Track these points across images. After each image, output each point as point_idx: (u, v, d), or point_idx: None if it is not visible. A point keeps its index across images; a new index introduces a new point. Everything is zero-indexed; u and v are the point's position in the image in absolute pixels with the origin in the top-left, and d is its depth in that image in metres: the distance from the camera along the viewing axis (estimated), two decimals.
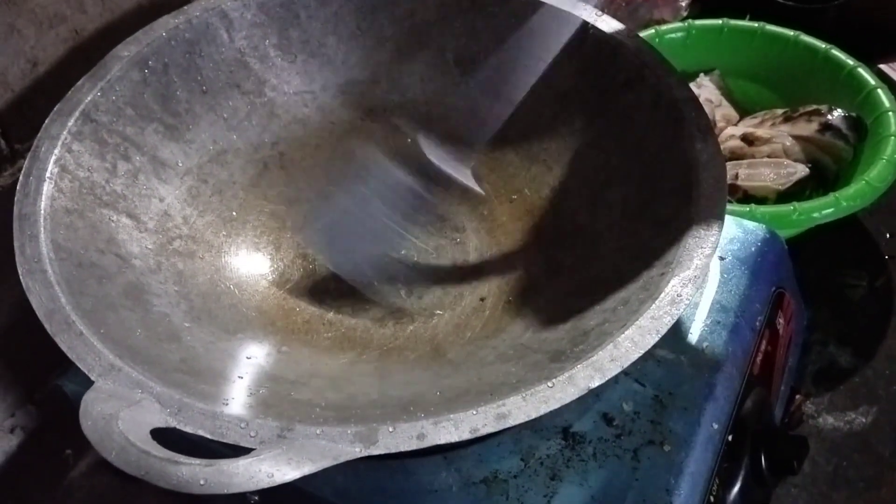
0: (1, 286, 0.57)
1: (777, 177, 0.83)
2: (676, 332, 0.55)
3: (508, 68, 0.61)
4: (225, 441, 0.36)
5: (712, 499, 0.49)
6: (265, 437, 0.36)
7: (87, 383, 0.38)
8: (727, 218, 0.61)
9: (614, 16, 0.60)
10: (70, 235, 0.46)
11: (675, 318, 0.41)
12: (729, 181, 0.84)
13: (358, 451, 0.35)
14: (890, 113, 0.82)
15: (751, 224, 0.63)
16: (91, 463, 0.68)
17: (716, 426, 0.51)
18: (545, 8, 0.59)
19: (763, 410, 0.56)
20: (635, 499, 0.47)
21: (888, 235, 0.91)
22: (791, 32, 0.92)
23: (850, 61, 0.89)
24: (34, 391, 0.63)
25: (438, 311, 0.55)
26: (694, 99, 0.52)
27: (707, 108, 0.91)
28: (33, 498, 0.66)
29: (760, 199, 0.83)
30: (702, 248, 0.44)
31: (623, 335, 0.40)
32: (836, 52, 0.90)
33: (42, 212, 0.45)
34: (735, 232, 0.62)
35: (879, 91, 0.85)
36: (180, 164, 0.56)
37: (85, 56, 0.55)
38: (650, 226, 0.50)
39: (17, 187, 0.47)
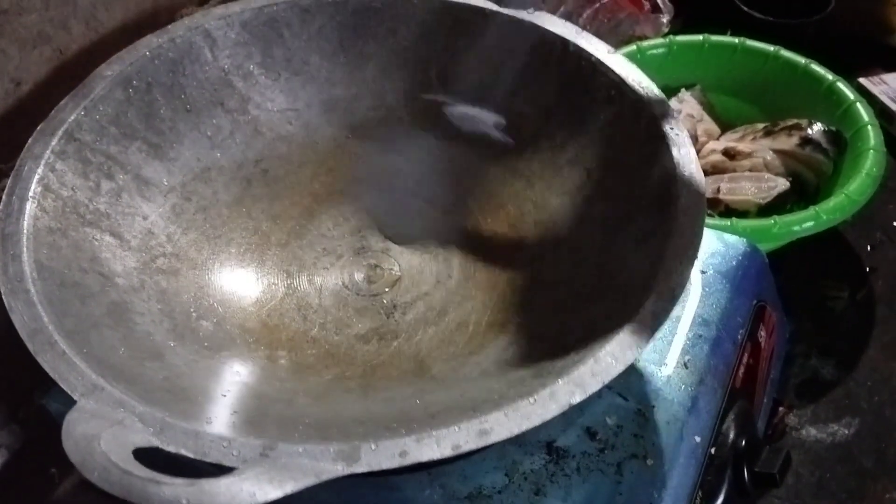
0: None
1: (758, 190, 0.84)
2: (659, 345, 0.56)
3: (491, 85, 0.62)
4: (207, 460, 0.36)
5: None
6: (247, 456, 0.36)
7: (71, 402, 0.38)
8: (708, 232, 0.62)
9: (596, 31, 0.61)
10: (53, 254, 0.46)
11: (656, 332, 0.42)
12: (711, 195, 0.85)
13: (340, 470, 0.35)
14: (869, 127, 0.84)
15: (732, 238, 0.63)
16: (76, 482, 0.67)
17: (698, 439, 0.51)
18: (527, 26, 0.59)
19: (746, 423, 0.56)
20: None
21: (869, 248, 0.92)
22: (771, 48, 0.93)
23: (830, 76, 0.90)
24: (18, 410, 0.63)
25: (422, 327, 0.55)
26: (673, 115, 0.53)
27: (689, 123, 0.92)
28: None
29: (742, 213, 0.84)
30: (681, 262, 0.45)
31: (604, 350, 0.41)
32: (816, 67, 0.91)
33: (25, 231, 0.45)
34: (716, 246, 0.62)
35: (858, 105, 0.86)
36: (164, 183, 0.56)
37: (69, 75, 0.55)
38: (630, 241, 0.50)
39: (0, 207, 0.47)
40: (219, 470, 0.35)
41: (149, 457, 0.35)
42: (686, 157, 0.50)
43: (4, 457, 0.63)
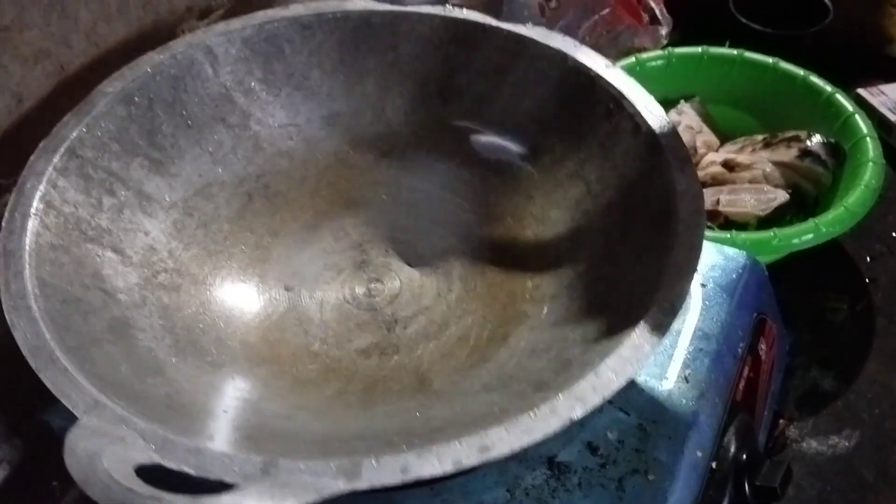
0: None
1: (758, 202, 0.84)
2: (659, 359, 0.56)
3: (490, 99, 0.62)
4: (208, 477, 0.36)
5: None
6: (249, 473, 0.36)
7: (73, 418, 0.38)
8: (708, 244, 0.62)
9: (595, 44, 0.61)
10: (55, 271, 0.46)
11: (656, 347, 0.42)
12: (710, 207, 0.85)
13: (341, 486, 0.36)
14: (868, 139, 0.84)
15: (731, 250, 0.63)
16: (77, 496, 0.67)
17: (699, 454, 0.51)
18: (525, 40, 0.60)
19: (747, 437, 0.56)
20: None
21: (868, 259, 0.92)
22: (770, 59, 0.94)
23: (828, 87, 0.90)
24: (19, 424, 0.63)
25: (423, 341, 0.55)
26: (672, 128, 0.53)
27: (688, 135, 0.92)
28: None
29: (742, 225, 0.84)
30: (681, 276, 0.45)
31: (604, 364, 0.41)
32: (814, 79, 0.91)
33: (27, 248, 0.46)
34: (716, 258, 0.63)
35: (857, 117, 0.86)
36: (166, 198, 0.56)
37: (70, 92, 0.56)
38: (630, 254, 0.51)
39: (3, 223, 0.47)
40: (220, 486, 0.35)
41: (151, 474, 0.35)
42: (685, 171, 0.50)
43: (6, 471, 0.63)
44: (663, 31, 1.01)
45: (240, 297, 0.56)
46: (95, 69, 0.57)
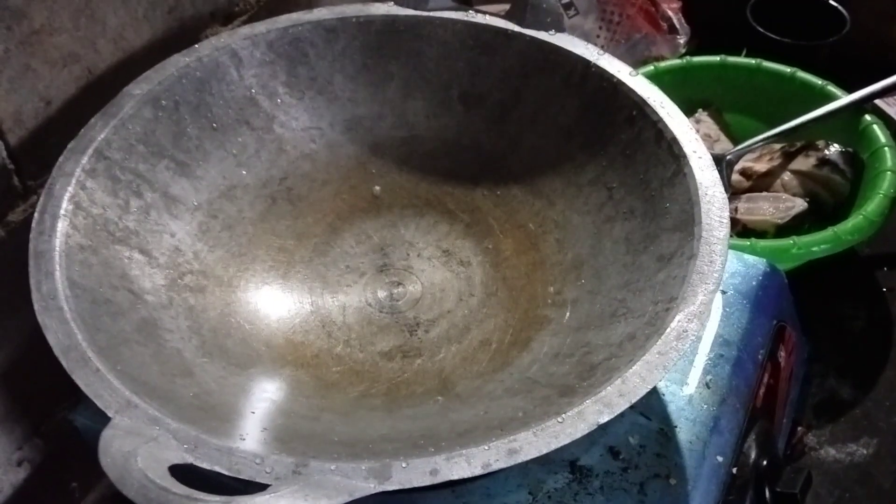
0: (10, 320, 0.57)
1: (776, 211, 0.84)
2: (680, 365, 0.56)
3: (512, 105, 0.62)
4: (241, 477, 0.36)
5: None
6: (281, 474, 0.36)
7: (99, 417, 0.39)
8: (728, 252, 0.62)
9: (613, 52, 0.62)
10: (84, 272, 0.47)
11: (682, 353, 0.42)
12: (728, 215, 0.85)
13: (372, 487, 0.36)
14: (886, 148, 0.84)
15: (751, 258, 0.64)
16: (97, 496, 0.68)
17: (721, 459, 0.52)
18: (547, 47, 0.60)
19: (767, 443, 0.56)
20: None
21: (885, 268, 0.92)
22: (788, 69, 0.94)
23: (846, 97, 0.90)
24: (41, 424, 0.63)
25: (445, 345, 0.55)
26: (695, 136, 0.53)
27: (706, 144, 0.92)
28: None
29: (760, 233, 0.84)
30: (705, 283, 0.45)
31: (630, 370, 0.41)
32: (833, 88, 0.91)
33: (57, 249, 0.46)
34: (736, 266, 0.63)
35: (875, 127, 0.87)
36: (191, 200, 0.57)
37: (98, 94, 0.56)
38: (654, 261, 0.51)
39: (33, 224, 0.47)
40: (252, 487, 0.36)
41: (184, 474, 0.36)
42: (709, 179, 0.51)
43: (27, 471, 0.63)
44: (681, 39, 1.01)
45: (264, 299, 0.57)
46: (122, 73, 0.58)
